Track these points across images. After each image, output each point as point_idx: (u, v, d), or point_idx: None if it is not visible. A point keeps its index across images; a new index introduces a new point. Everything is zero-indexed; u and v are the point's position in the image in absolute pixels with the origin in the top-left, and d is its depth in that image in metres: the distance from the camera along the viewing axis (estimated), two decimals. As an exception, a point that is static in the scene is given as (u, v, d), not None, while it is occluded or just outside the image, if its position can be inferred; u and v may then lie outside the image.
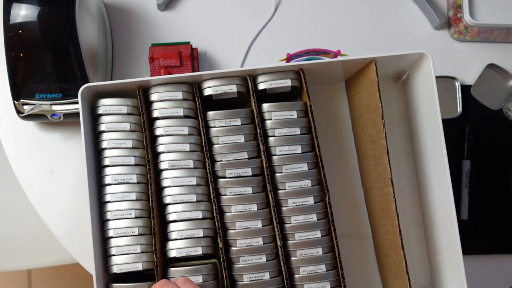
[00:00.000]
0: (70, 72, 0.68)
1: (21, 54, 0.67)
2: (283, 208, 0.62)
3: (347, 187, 0.74)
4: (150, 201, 0.61)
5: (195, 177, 0.62)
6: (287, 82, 0.63)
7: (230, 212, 0.62)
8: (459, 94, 0.82)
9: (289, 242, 0.62)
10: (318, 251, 0.61)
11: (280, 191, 0.62)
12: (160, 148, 0.63)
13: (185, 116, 0.63)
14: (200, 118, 0.63)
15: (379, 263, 0.71)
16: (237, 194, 0.62)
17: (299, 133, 0.63)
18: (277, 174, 0.62)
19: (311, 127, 0.63)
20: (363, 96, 0.67)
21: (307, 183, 0.62)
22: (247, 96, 0.65)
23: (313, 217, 0.62)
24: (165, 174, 0.62)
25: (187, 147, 0.62)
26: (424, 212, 0.71)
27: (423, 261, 0.71)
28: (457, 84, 0.82)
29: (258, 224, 0.61)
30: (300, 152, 0.62)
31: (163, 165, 0.62)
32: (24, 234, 1.05)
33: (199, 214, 0.61)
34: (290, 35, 0.84)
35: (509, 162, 0.81)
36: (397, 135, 0.74)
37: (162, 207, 0.63)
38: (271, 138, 0.63)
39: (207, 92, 0.63)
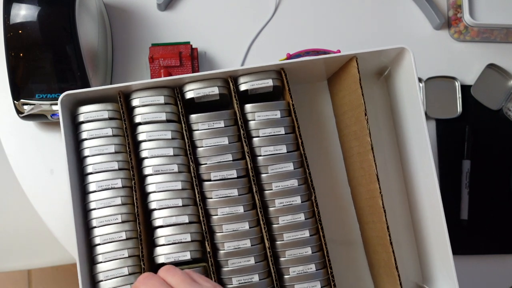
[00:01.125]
0: (70, 72, 0.68)
1: (21, 54, 0.67)
2: (270, 208, 0.62)
3: (334, 185, 0.73)
4: (135, 207, 0.60)
5: (180, 182, 0.61)
6: (268, 82, 0.63)
7: (217, 215, 0.61)
8: (459, 94, 0.82)
9: (278, 242, 0.61)
10: (307, 251, 0.61)
11: (266, 191, 0.62)
12: (144, 154, 0.62)
13: (168, 121, 0.63)
14: (183, 122, 0.62)
15: (368, 260, 0.71)
16: (223, 197, 0.61)
17: (284, 133, 0.62)
18: (263, 175, 0.62)
19: (295, 126, 0.63)
20: (346, 93, 0.66)
21: (294, 182, 0.62)
22: (229, 98, 0.65)
23: (301, 217, 0.61)
24: (149, 179, 0.62)
25: (170, 151, 0.62)
26: (412, 208, 0.71)
27: (415, 257, 0.72)
28: (457, 84, 0.82)
29: (245, 226, 0.61)
30: (285, 151, 0.62)
31: (147, 171, 0.62)
32: (24, 234, 1.05)
33: (186, 219, 0.61)
34: (290, 35, 0.84)
35: (509, 162, 0.81)
36: (383, 131, 0.74)
37: (148, 212, 0.63)
38: (255, 139, 0.62)
39: (189, 95, 0.63)
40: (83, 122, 0.63)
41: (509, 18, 0.80)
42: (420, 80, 0.82)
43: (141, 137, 0.63)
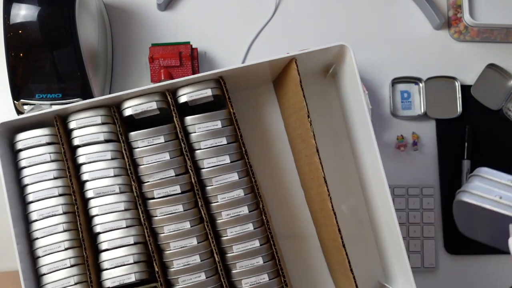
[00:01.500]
0: (70, 72, 0.68)
1: (21, 54, 0.67)
2: (218, 221, 0.60)
3: (287, 188, 0.72)
4: (80, 232, 0.59)
5: (122, 202, 0.60)
6: (207, 92, 0.61)
7: (163, 233, 0.60)
8: (459, 94, 0.82)
9: (228, 255, 0.60)
10: (259, 261, 0.60)
11: (212, 204, 0.60)
12: (85, 177, 0.61)
13: (106, 141, 0.61)
14: (121, 141, 0.61)
15: (327, 263, 0.70)
16: (168, 214, 0.60)
17: (226, 143, 0.61)
18: (208, 187, 0.61)
19: (238, 135, 0.61)
20: (290, 96, 0.65)
21: (240, 192, 0.60)
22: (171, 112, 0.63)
23: (250, 227, 0.60)
24: (92, 202, 0.60)
25: (111, 172, 0.60)
26: (367, 205, 0.70)
27: (376, 254, 0.70)
28: (457, 84, 0.82)
29: (194, 241, 0.59)
30: (229, 161, 0.61)
31: (89, 194, 0.60)
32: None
33: (131, 240, 0.59)
34: (290, 35, 0.84)
35: (509, 162, 0.81)
36: (338, 129, 0.72)
37: (93, 236, 0.61)
38: (197, 152, 0.61)
39: (127, 112, 0.61)
40: (21, 150, 0.61)
41: (509, 18, 0.80)
42: (420, 80, 0.82)
43: (80, 160, 0.61)
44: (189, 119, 0.61)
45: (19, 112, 0.70)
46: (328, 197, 0.59)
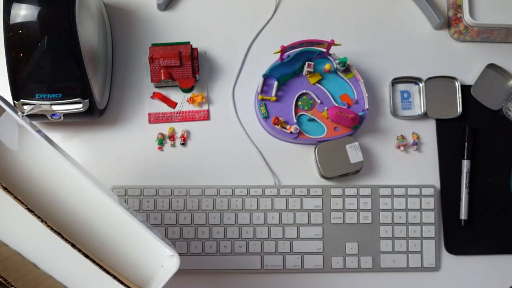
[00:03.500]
0: (70, 72, 0.68)
1: (21, 54, 0.67)
2: None
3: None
4: None
5: None
6: None
7: None
8: (459, 94, 0.82)
9: None
10: None
11: None
12: None
13: None
14: None
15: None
16: None
17: None
18: None
19: None
20: None
21: None
22: None
23: None
24: None
25: None
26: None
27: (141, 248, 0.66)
28: (457, 84, 0.82)
29: None
30: None
31: None
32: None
33: None
34: (290, 35, 0.84)
35: (509, 162, 0.81)
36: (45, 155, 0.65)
37: None
38: None
39: None
40: None
41: (509, 18, 0.80)
42: (420, 80, 0.82)
43: None
44: None
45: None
46: (56, 233, 0.56)
